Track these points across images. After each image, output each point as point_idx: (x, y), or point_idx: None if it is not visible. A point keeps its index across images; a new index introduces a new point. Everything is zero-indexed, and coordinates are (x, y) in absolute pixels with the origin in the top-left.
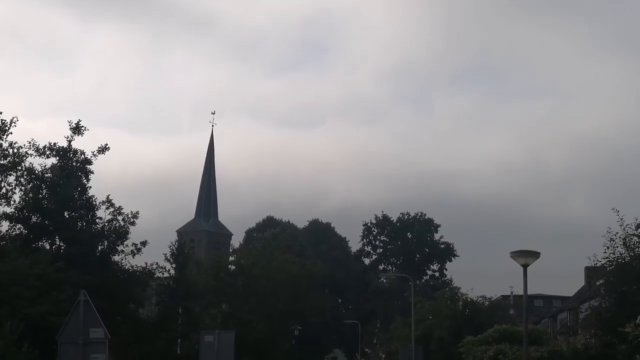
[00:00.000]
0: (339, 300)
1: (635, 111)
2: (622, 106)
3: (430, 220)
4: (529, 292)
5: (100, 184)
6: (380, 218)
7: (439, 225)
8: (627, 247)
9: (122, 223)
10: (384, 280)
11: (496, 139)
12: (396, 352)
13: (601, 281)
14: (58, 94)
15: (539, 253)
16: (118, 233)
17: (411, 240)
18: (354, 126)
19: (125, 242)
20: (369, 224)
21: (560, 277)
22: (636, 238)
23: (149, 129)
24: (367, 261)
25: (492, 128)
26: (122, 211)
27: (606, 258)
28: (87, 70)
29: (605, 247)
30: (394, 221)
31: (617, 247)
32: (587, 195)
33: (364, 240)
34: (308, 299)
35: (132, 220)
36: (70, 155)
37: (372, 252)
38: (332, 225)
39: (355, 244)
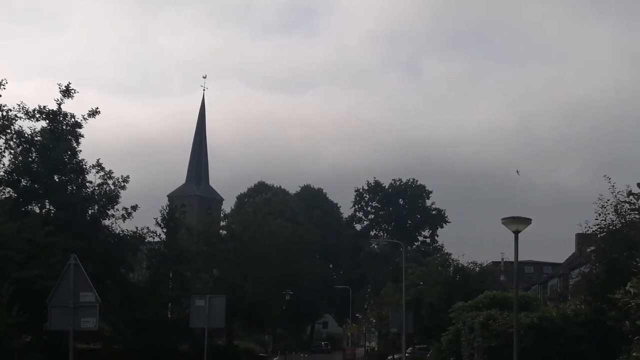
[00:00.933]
0: (330, 266)
1: (628, 77)
2: (614, 72)
3: (422, 187)
4: (519, 259)
5: (90, 148)
6: (372, 184)
7: (431, 192)
8: (619, 214)
9: (113, 187)
10: (375, 246)
11: (488, 105)
12: (387, 317)
13: (592, 248)
14: (47, 57)
15: (530, 219)
16: (108, 197)
17: (403, 207)
18: (344, 91)
19: (116, 207)
20: (360, 190)
21: (551, 244)
22: (627, 205)
23: (139, 92)
24: (358, 227)
25: (484, 94)
26: (113, 175)
27: (597, 225)
28: (76, 32)
29: (597, 214)
30: (386, 187)
31: (609, 214)
32: (578, 162)
33: (356, 206)
34: (299, 264)
35: (122, 184)
36: (60, 118)
37: (363, 218)
38: (324, 191)
39: (347, 210)
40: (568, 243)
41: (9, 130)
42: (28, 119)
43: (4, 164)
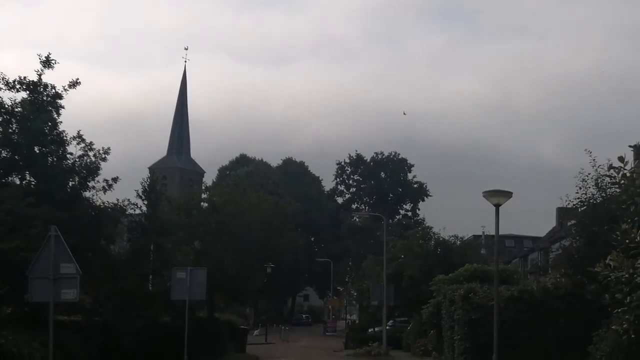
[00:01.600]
0: (312, 239)
1: (606, 51)
2: (595, 48)
3: (404, 160)
4: (500, 232)
5: (70, 120)
6: (354, 157)
7: (413, 165)
8: (599, 188)
9: (93, 159)
10: (357, 219)
11: (468, 79)
12: (368, 290)
13: (572, 222)
14: (25, 27)
15: (511, 193)
16: (89, 169)
17: (384, 180)
18: (326, 64)
19: (97, 178)
20: (342, 163)
21: (532, 218)
22: (608, 179)
23: (120, 64)
24: (340, 200)
25: (465, 69)
26: (94, 147)
27: (578, 199)
28: (56, 3)
29: (578, 188)
30: (368, 160)
31: (589, 187)
32: (557, 136)
33: (338, 180)
34: (281, 237)
35: (103, 156)
36: (40, 89)
37: (345, 191)
38: (305, 164)
39: (328, 183)
40: (549, 217)
41: None
42: (8, 89)
43: None
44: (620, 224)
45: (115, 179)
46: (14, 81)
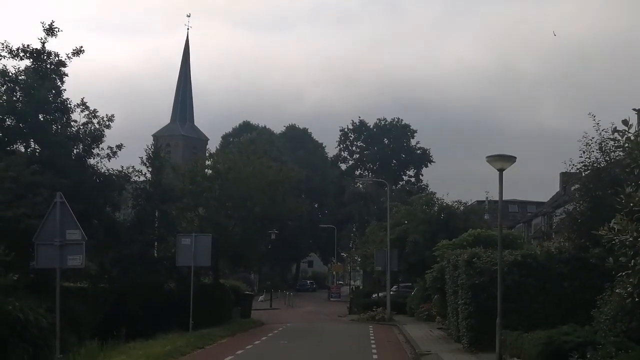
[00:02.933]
0: (316, 205)
1: (606, 16)
2: (597, 11)
3: (407, 126)
4: (504, 198)
5: (74, 88)
6: (357, 124)
7: (416, 131)
8: (603, 152)
9: (98, 126)
10: (360, 186)
11: (469, 44)
12: (371, 256)
13: (576, 186)
14: None
15: (515, 157)
16: (93, 136)
17: (387, 146)
18: (326, 30)
19: (101, 146)
20: (345, 130)
21: (536, 183)
22: (612, 142)
23: (123, 32)
24: (343, 166)
25: (464, 33)
26: (97, 114)
27: (582, 163)
28: None
29: (581, 152)
30: (371, 127)
31: (593, 151)
32: (558, 101)
33: (341, 146)
34: (285, 203)
35: (107, 123)
36: (44, 57)
37: (348, 157)
38: (309, 130)
39: (332, 150)
40: (552, 182)
41: None
42: (12, 57)
43: None
44: (624, 187)
45: (119, 146)
46: (17, 49)
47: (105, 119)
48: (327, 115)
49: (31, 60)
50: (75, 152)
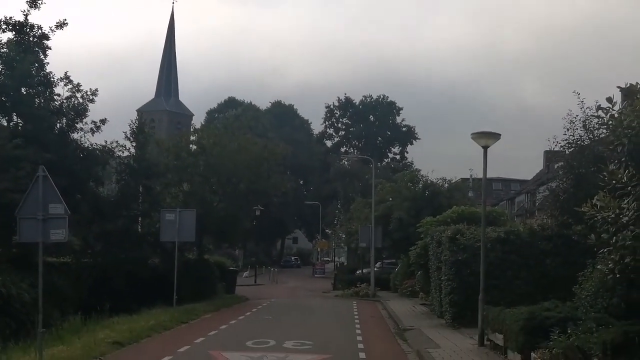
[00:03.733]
0: (301, 182)
1: None
2: None
3: (393, 103)
4: (488, 175)
5: (57, 62)
6: (343, 100)
7: (401, 109)
8: (587, 130)
9: (81, 100)
10: (346, 162)
11: (453, 21)
12: (356, 233)
13: (560, 164)
14: None
15: (499, 134)
16: (77, 110)
17: (373, 123)
18: (311, 5)
19: (84, 120)
20: (331, 106)
21: (520, 161)
22: (596, 120)
23: (107, 5)
24: (329, 143)
25: (449, 9)
26: (81, 88)
27: (566, 140)
28: None
29: (565, 130)
30: (357, 104)
31: (577, 129)
32: (542, 79)
33: (326, 123)
34: (270, 179)
35: (91, 97)
36: (26, 30)
37: (334, 134)
38: (294, 107)
39: (317, 126)
40: (536, 160)
41: None
42: None
43: None
44: (607, 165)
45: (103, 121)
46: None
47: (88, 93)
48: (313, 92)
49: (13, 33)
50: (58, 126)
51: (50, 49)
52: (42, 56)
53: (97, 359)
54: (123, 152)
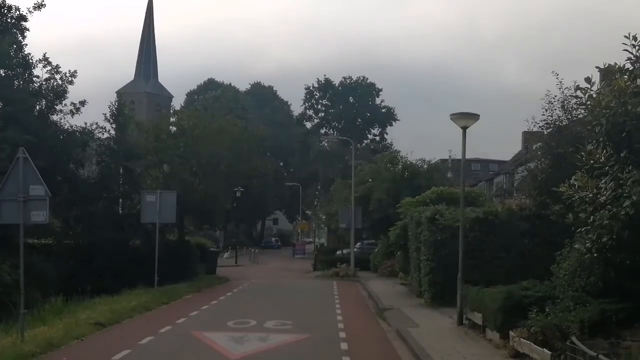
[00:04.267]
0: (281, 164)
1: None
2: None
3: (372, 85)
4: (467, 156)
5: (36, 45)
6: (322, 82)
7: (381, 90)
8: (565, 110)
9: (60, 82)
10: (325, 144)
11: (433, 3)
12: (336, 213)
13: (538, 144)
14: None
15: (478, 115)
16: (56, 92)
17: (353, 104)
18: None
19: (64, 102)
20: (311, 88)
21: (498, 143)
22: (574, 100)
23: None
24: (308, 125)
25: None
26: (60, 70)
27: (544, 121)
28: None
29: (544, 110)
30: (336, 85)
31: (555, 110)
32: (521, 60)
33: (306, 104)
34: (250, 161)
35: (70, 79)
36: (4, 11)
37: (314, 115)
38: (274, 88)
39: (297, 108)
40: (515, 141)
41: None
42: None
43: None
44: (585, 145)
45: (82, 102)
46: None
47: (67, 74)
48: (292, 74)
49: None
50: (37, 108)
51: (28, 30)
52: (21, 37)
53: (79, 339)
54: (103, 134)
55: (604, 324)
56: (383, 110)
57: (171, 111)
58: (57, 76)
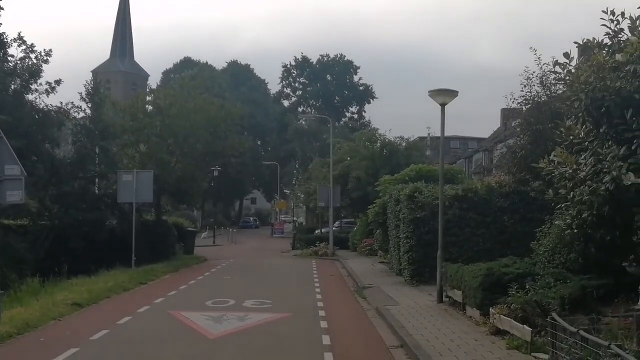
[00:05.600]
0: (258, 142)
1: None
2: None
3: (350, 62)
4: (445, 134)
5: (9, 22)
6: (300, 59)
7: (358, 67)
8: (544, 86)
9: (35, 61)
10: (303, 122)
11: None
12: (314, 192)
13: (517, 121)
14: None
15: (457, 92)
16: (31, 71)
17: (330, 82)
18: None
19: (39, 81)
20: (288, 66)
21: (477, 120)
22: (553, 75)
23: None
24: (286, 103)
25: None
26: (35, 49)
27: (523, 97)
28: None
29: (523, 86)
30: (314, 63)
31: (534, 85)
32: (498, 37)
33: (283, 82)
34: (227, 139)
35: (45, 58)
36: None
37: (291, 94)
38: (250, 67)
39: (274, 86)
40: (494, 118)
41: None
42: None
43: None
44: (564, 120)
45: (58, 82)
46: None
47: (43, 54)
48: (269, 52)
49: None
50: (12, 87)
51: (2, 9)
52: None
53: (56, 320)
54: (79, 113)
55: (585, 300)
56: (361, 88)
57: (147, 90)
58: (32, 55)
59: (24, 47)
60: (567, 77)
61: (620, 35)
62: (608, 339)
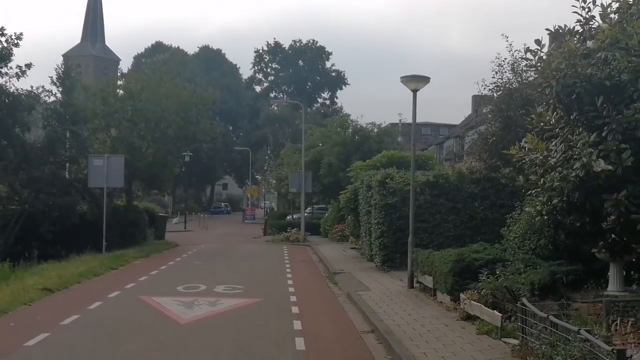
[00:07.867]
0: (230, 128)
1: None
2: None
3: (322, 48)
4: (417, 121)
5: None
6: (272, 45)
7: (331, 53)
8: (515, 73)
9: (5, 44)
10: (275, 108)
11: None
12: (286, 178)
13: (488, 107)
14: None
15: (429, 78)
16: (1, 55)
17: (302, 68)
18: None
19: (9, 64)
20: (260, 51)
21: (449, 107)
22: (524, 62)
23: None
24: (258, 89)
25: None
26: (5, 32)
27: (494, 83)
28: None
29: (494, 73)
30: (286, 48)
31: (505, 72)
32: (467, 24)
33: (255, 68)
34: (199, 124)
35: (15, 41)
36: None
37: (263, 79)
38: (222, 52)
39: (246, 72)
40: (465, 106)
41: None
42: None
43: None
44: (535, 107)
45: (28, 65)
46: None
47: (13, 37)
48: (241, 38)
49: None
50: None
51: None
52: None
53: (26, 305)
54: (49, 97)
55: (554, 286)
56: (333, 74)
57: (119, 74)
58: (2, 39)
59: None
60: (539, 64)
61: (591, 23)
62: (577, 324)
